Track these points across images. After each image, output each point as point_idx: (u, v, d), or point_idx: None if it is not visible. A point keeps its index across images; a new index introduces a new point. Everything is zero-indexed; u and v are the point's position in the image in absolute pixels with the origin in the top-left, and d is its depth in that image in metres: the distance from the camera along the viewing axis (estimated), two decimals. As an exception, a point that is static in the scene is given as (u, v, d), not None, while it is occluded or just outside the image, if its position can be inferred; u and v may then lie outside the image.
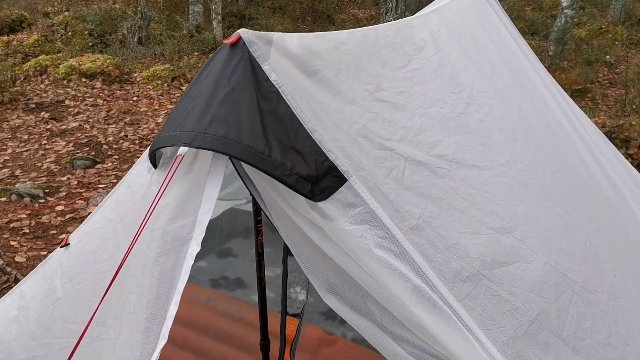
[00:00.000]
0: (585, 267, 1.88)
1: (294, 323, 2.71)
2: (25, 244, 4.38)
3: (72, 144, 6.35)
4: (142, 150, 6.26)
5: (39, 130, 6.82)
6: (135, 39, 9.98)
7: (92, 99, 7.83)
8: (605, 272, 1.97)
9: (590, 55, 9.43)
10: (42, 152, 6.22)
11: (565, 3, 9.01)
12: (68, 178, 5.58)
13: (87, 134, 6.63)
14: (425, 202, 1.61)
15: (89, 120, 7.10)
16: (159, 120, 7.16)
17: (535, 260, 1.72)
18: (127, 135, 6.63)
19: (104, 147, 6.30)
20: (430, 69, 2.01)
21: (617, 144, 4.99)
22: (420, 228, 1.55)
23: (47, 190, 5.28)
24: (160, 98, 8.02)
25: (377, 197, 1.52)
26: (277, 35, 1.57)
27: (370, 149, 1.60)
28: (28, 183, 5.41)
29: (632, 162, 4.41)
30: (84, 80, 8.36)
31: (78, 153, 6.10)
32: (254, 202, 2.14)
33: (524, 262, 1.70)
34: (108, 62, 8.69)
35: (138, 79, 8.59)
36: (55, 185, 5.40)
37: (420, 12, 2.44)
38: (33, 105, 7.52)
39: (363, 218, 1.49)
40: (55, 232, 4.57)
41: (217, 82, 1.51)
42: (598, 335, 1.75)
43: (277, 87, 1.49)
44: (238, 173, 1.62)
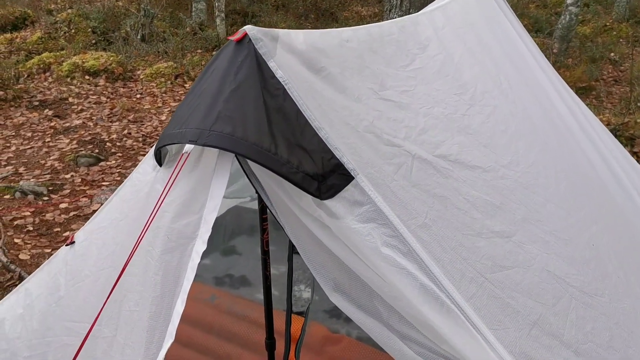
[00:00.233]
0: (586, 270, 1.87)
1: (299, 321, 2.71)
2: (29, 242, 4.38)
3: (75, 142, 6.35)
4: (145, 148, 6.25)
5: (43, 128, 6.82)
6: (139, 37, 9.97)
7: (95, 97, 7.83)
8: (608, 273, 1.96)
9: (595, 53, 9.39)
10: (45, 149, 6.22)
11: (570, 0, 8.97)
12: (72, 175, 5.58)
13: (90, 132, 6.63)
14: (432, 200, 1.60)
15: (93, 118, 7.10)
16: (163, 118, 7.15)
17: (533, 267, 1.72)
18: (130, 133, 6.63)
19: (108, 144, 6.29)
20: (434, 69, 2.00)
21: (622, 142, 4.96)
22: (428, 226, 1.54)
23: (50, 188, 5.28)
24: (164, 95, 8.02)
25: (384, 194, 1.51)
26: (282, 32, 1.56)
27: (379, 145, 1.59)
28: (32, 180, 5.41)
29: (637, 159, 4.39)
30: (88, 78, 8.37)
31: (82, 151, 6.10)
32: (260, 200, 2.13)
33: (522, 267, 1.69)
34: (111, 59, 8.68)
35: (141, 77, 8.59)
36: (59, 183, 5.40)
37: (426, 9, 2.42)
38: (36, 103, 7.53)
39: (370, 216, 1.47)
40: (59, 229, 4.57)
41: (222, 79, 1.49)
42: (599, 339, 1.74)
43: (283, 84, 1.47)
44: (244, 170, 1.61)
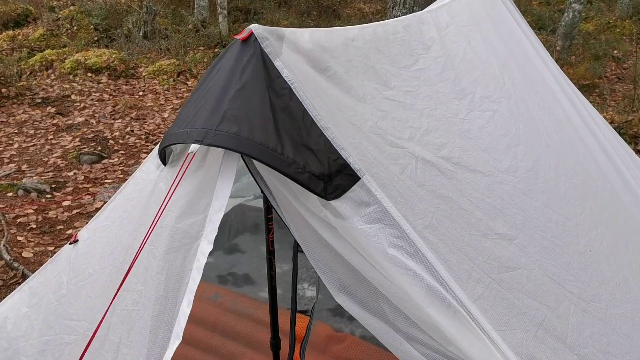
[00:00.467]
0: (583, 276, 1.87)
1: (303, 320, 2.70)
2: (32, 240, 4.38)
3: (78, 139, 6.34)
4: (148, 146, 6.25)
5: (45, 125, 6.82)
6: (141, 34, 9.96)
7: (98, 94, 7.83)
8: (605, 279, 1.96)
9: (598, 50, 9.37)
10: (48, 147, 6.21)
11: (573, -3, 8.95)
12: (74, 173, 5.58)
13: (93, 129, 6.62)
14: (438, 200, 1.60)
15: (95, 115, 7.09)
16: (165, 115, 7.15)
17: (535, 269, 1.72)
18: (133, 131, 6.62)
19: (110, 142, 6.29)
20: (435, 71, 2.00)
21: (625, 140, 4.95)
22: (434, 227, 1.53)
23: (53, 186, 5.28)
24: (166, 93, 8.01)
25: (391, 194, 1.50)
26: (288, 31, 1.55)
27: (384, 146, 1.59)
28: (35, 178, 5.41)
29: (641, 158, 4.37)
30: (90, 75, 8.36)
31: (84, 148, 6.10)
32: (265, 199, 2.12)
33: (526, 269, 1.69)
34: (114, 56, 8.67)
35: (144, 74, 8.58)
36: (62, 181, 5.40)
37: (431, 6, 2.40)
38: (39, 100, 7.52)
39: (376, 217, 1.47)
40: (62, 227, 4.57)
41: (228, 78, 1.49)
42: (598, 344, 1.74)
43: (289, 83, 1.47)
44: (249, 170, 1.61)
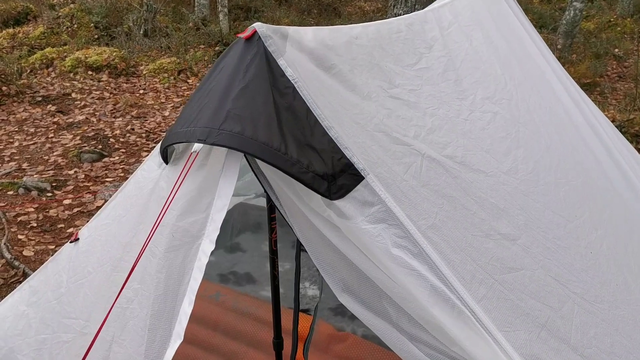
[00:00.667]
0: (585, 277, 1.87)
1: (304, 320, 2.70)
2: (33, 238, 4.37)
3: (79, 137, 6.33)
4: (149, 144, 6.24)
5: (46, 123, 6.81)
6: (141, 32, 9.95)
7: (98, 92, 7.82)
8: (607, 281, 1.95)
9: (599, 49, 9.35)
10: (49, 145, 6.20)
11: (575, -4, 8.93)
12: (75, 171, 5.57)
13: (94, 127, 6.61)
14: (442, 200, 1.59)
15: (96, 114, 7.08)
16: (166, 114, 7.14)
17: (538, 270, 1.71)
18: (134, 129, 6.61)
19: (111, 140, 6.28)
20: (438, 71, 2.00)
21: (627, 139, 4.94)
22: (437, 227, 1.53)
23: (54, 184, 5.27)
24: (167, 91, 8.00)
25: (395, 194, 1.49)
26: (292, 29, 1.55)
27: (388, 144, 1.58)
28: (35, 176, 5.40)
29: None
30: (91, 73, 8.35)
31: (85, 146, 6.09)
32: (268, 199, 2.12)
33: (529, 270, 1.69)
34: (114, 54, 8.66)
35: (144, 72, 8.57)
36: (63, 179, 5.39)
37: (433, 5, 2.40)
38: (40, 98, 7.51)
39: (380, 217, 1.46)
40: (63, 225, 4.56)
41: (231, 77, 1.48)
42: (602, 344, 1.74)
43: (292, 82, 1.46)
44: (252, 169, 1.60)
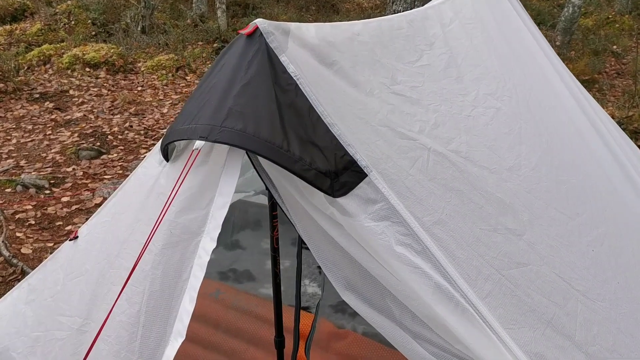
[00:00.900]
0: (587, 275, 1.87)
1: (306, 317, 2.69)
2: (31, 236, 4.36)
3: (77, 135, 6.31)
4: (147, 141, 6.22)
5: (44, 121, 6.78)
6: (139, 28, 9.91)
7: (96, 89, 7.79)
8: (607, 279, 1.95)
9: (597, 46, 9.34)
10: (46, 142, 6.18)
11: (573, -8, 8.92)
12: (73, 169, 5.55)
13: (91, 124, 6.59)
14: (450, 194, 1.58)
15: (94, 111, 7.06)
16: (164, 111, 7.12)
17: (543, 266, 1.71)
18: (132, 126, 6.59)
19: (109, 137, 6.26)
20: (439, 68, 1.99)
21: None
22: (444, 222, 1.52)
23: (52, 181, 5.25)
24: (165, 88, 7.97)
25: (399, 191, 1.48)
26: (294, 26, 1.54)
27: (394, 139, 1.57)
28: (33, 174, 5.38)
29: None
30: (88, 70, 8.32)
31: (83, 143, 6.07)
32: (270, 196, 2.10)
33: (535, 265, 1.68)
34: (112, 51, 8.63)
35: (142, 69, 8.54)
36: (61, 176, 5.37)
37: (433, 1, 2.38)
38: (37, 95, 7.48)
39: (383, 214, 1.45)
40: (61, 223, 4.55)
41: (233, 73, 1.47)
42: (605, 342, 1.73)
43: (295, 79, 1.45)
44: (254, 167, 1.59)
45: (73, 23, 10.07)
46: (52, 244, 4.23)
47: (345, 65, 1.62)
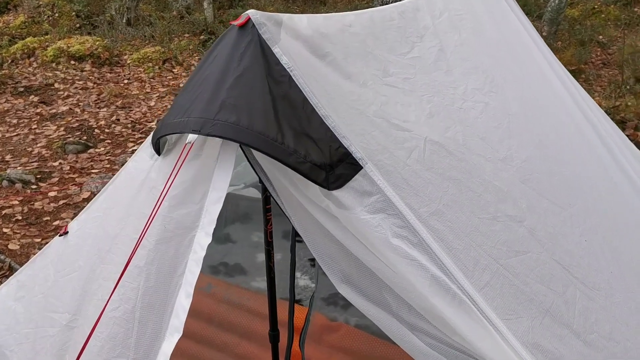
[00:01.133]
0: (582, 264, 1.87)
1: (300, 311, 2.68)
2: (19, 231, 4.31)
3: (63, 128, 6.24)
4: (134, 135, 6.17)
5: (29, 115, 6.70)
6: (124, 20, 9.80)
7: (82, 82, 7.70)
8: (601, 268, 1.97)
9: (584, 36, 9.38)
10: (32, 136, 6.11)
11: (559, -17, 8.94)
12: (60, 163, 5.49)
13: (78, 118, 6.52)
14: (447, 183, 1.58)
15: (80, 104, 6.98)
16: (152, 104, 7.06)
17: (543, 253, 1.71)
18: (119, 119, 6.53)
19: (96, 131, 6.20)
20: (429, 60, 1.98)
21: (614, 126, 4.98)
22: (441, 213, 1.51)
23: (38, 176, 5.19)
24: (152, 81, 7.90)
25: (395, 182, 1.47)
26: (286, 17, 1.52)
27: (389, 130, 1.56)
28: (19, 168, 5.32)
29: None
30: (73, 63, 8.22)
31: (69, 137, 6.01)
32: (264, 190, 2.09)
33: (535, 253, 1.68)
34: (97, 44, 8.53)
35: (128, 62, 8.45)
36: (47, 171, 5.31)
37: (423, -8, 2.37)
38: (22, 89, 7.39)
39: (379, 207, 1.44)
40: (49, 218, 4.51)
41: (225, 65, 1.45)
42: (602, 330, 1.74)
43: (288, 70, 1.43)
44: (248, 160, 1.57)
45: (57, 15, 9.94)
46: (39, 240, 4.19)
47: (338, 57, 1.61)
